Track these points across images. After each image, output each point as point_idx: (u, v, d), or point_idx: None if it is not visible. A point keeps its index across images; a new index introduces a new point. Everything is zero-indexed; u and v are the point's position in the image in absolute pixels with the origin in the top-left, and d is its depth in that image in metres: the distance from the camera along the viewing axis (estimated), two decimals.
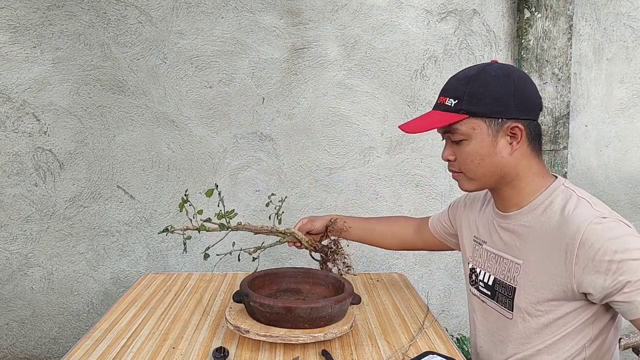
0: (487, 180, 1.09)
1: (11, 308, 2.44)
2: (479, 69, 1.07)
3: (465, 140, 1.07)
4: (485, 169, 1.07)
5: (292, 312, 1.16)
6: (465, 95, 1.04)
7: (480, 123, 1.05)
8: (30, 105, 2.32)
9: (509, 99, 1.03)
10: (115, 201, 2.41)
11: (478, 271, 1.22)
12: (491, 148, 1.05)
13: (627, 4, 2.51)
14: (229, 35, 2.36)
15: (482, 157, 1.06)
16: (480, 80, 1.05)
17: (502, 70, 1.05)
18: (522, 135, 1.04)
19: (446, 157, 1.13)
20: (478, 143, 1.06)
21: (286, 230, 1.59)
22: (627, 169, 2.59)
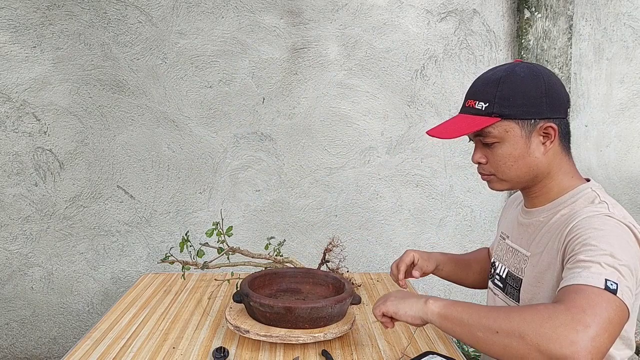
0: (519, 180, 1.09)
1: (11, 308, 2.44)
2: (507, 70, 1.06)
3: (497, 142, 1.06)
4: (518, 170, 1.07)
5: (292, 312, 1.15)
6: (496, 98, 1.04)
7: (513, 125, 1.04)
8: (31, 105, 2.32)
9: (541, 99, 1.03)
10: (115, 201, 2.41)
11: (497, 264, 1.23)
12: (525, 149, 1.05)
13: (627, 4, 2.51)
14: (229, 35, 2.36)
15: (515, 159, 1.06)
16: (510, 82, 1.04)
17: (530, 70, 1.05)
18: (555, 134, 1.04)
19: (477, 160, 1.11)
20: (511, 145, 1.05)
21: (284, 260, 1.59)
22: (628, 169, 2.58)
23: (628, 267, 0.89)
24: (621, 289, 0.86)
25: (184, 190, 2.44)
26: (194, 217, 2.45)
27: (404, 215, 2.53)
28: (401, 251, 2.53)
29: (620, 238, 0.93)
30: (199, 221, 2.45)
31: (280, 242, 1.66)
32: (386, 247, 2.54)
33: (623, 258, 0.89)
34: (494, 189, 1.13)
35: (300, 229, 2.49)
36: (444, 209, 2.55)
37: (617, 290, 0.85)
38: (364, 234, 2.52)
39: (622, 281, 0.87)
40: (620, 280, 0.87)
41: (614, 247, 0.90)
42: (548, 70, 1.07)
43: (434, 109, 2.48)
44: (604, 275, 0.86)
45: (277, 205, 2.47)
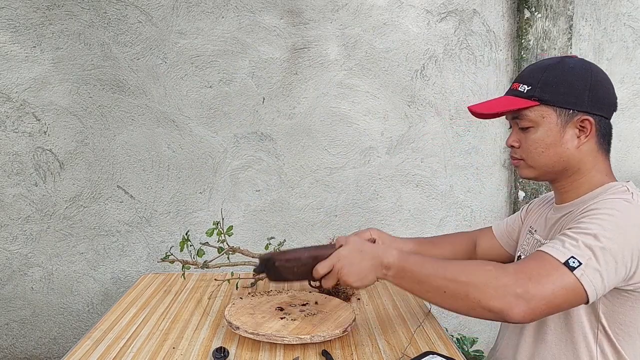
0: (547, 169, 1.08)
1: (11, 308, 2.44)
2: (559, 59, 1.07)
3: (532, 127, 1.06)
4: (547, 158, 1.06)
5: (320, 261, 1.09)
6: (540, 82, 1.04)
7: (551, 111, 1.04)
8: (30, 105, 2.32)
9: (584, 92, 1.02)
10: (115, 201, 2.41)
11: (522, 258, 1.21)
12: (557, 138, 1.04)
13: (627, 4, 2.51)
14: (229, 35, 2.36)
15: (546, 146, 1.05)
16: (558, 69, 1.04)
17: (581, 63, 1.05)
18: (591, 129, 1.03)
19: (511, 143, 1.12)
20: (545, 131, 1.05)
21: None
22: (628, 169, 2.58)
23: (612, 252, 0.89)
24: (583, 270, 0.87)
25: (184, 190, 2.44)
26: (194, 217, 2.45)
27: (404, 215, 2.53)
28: None
29: (627, 220, 0.92)
30: (199, 221, 2.45)
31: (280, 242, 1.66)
32: None
33: (610, 242, 0.89)
34: (521, 176, 1.13)
35: (300, 229, 2.49)
36: (444, 209, 2.55)
37: (577, 269, 0.87)
38: None
39: (591, 263, 0.88)
40: (590, 263, 0.88)
41: (606, 229, 0.90)
42: (601, 70, 1.07)
43: (434, 109, 2.48)
44: (572, 253, 0.89)
45: (277, 205, 2.47)
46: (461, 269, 0.94)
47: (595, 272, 0.88)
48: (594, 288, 0.88)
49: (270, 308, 1.34)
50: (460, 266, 0.95)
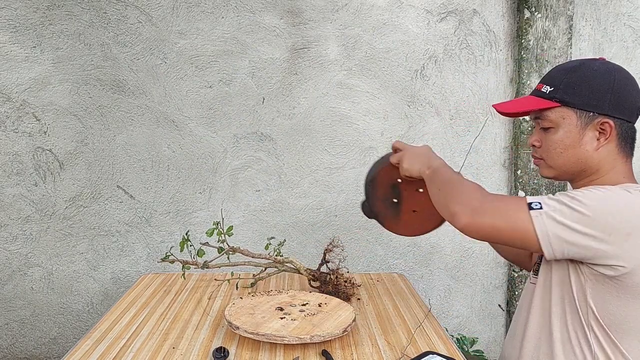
0: (565, 170, 1.10)
1: (11, 308, 2.44)
2: (583, 61, 1.08)
3: (552, 128, 1.08)
4: (566, 159, 1.08)
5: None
6: (562, 84, 1.06)
7: (571, 113, 1.06)
8: (30, 105, 2.32)
9: (605, 95, 1.03)
10: (115, 201, 2.41)
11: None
12: (576, 140, 1.06)
13: (627, 4, 2.51)
14: (229, 35, 2.36)
15: (565, 147, 1.07)
16: (581, 71, 1.06)
17: (605, 67, 1.06)
18: (611, 132, 1.04)
19: (532, 142, 1.15)
20: (565, 133, 1.07)
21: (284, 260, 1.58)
22: None
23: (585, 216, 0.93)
24: (540, 213, 0.95)
25: (184, 190, 2.44)
26: (194, 217, 2.45)
27: None
28: (401, 251, 2.54)
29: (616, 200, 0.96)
30: (199, 221, 2.45)
31: (280, 242, 1.66)
32: (386, 247, 2.54)
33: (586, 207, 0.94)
34: (541, 175, 1.16)
35: (300, 229, 2.49)
36: None
37: (534, 211, 0.95)
38: (364, 234, 2.52)
39: (552, 214, 0.95)
40: (550, 212, 0.95)
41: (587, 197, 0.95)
42: (627, 73, 1.08)
43: (434, 109, 2.48)
44: (541, 200, 0.97)
45: (277, 205, 2.47)
46: (461, 181, 1.09)
47: (552, 221, 0.94)
48: (546, 234, 0.94)
49: (270, 308, 1.34)
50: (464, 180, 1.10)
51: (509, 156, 2.54)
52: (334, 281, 1.50)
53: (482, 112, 2.49)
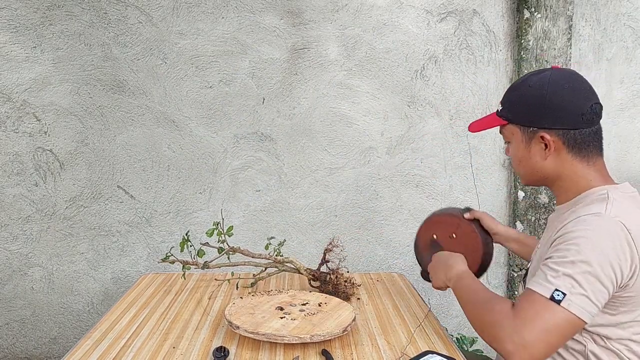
0: (530, 178, 1.17)
1: (11, 308, 2.44)
2: (525, 77, 1.13)
3: (509, 142, 1.17)
4: (524, 170, 1.16)
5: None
6: (507, 103, 1.15)
7: (516, 130, 1.13)
8: (31, 105, 2.33)
9: (539, 110, 1.08)
10: (115, 201, 2.41)
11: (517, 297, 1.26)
12: (526, 153, 1.13)
13: (627, 4, 2.52)
14: (229, 35, 2.36)
15: (519, 160, 1.15)
16: (519, 89, 1.13)
17: (540, 81, 1.09)
18: (551, 144, 1.08)
19: (505, 152, 1.24)
20: (515, 147, 1.15)
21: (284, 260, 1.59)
22: (627, 169, 2.59)
23: (593, 273, 0.94)
24: (569, 300, 0.93)
25: (184, 190, 2.44)
26: (194, 217, 2.45)
27: (404, 216, 2.53)
28: (401, 251, 2.55)
29: (600, 236, 0.96)
30: (199, 221, 2.45)
31: (280, 242, 1.66)
32: (386, 247, 2.54)
33: (588, 264, 0.94)
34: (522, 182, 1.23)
35: (300, 229, 2.50)
36: None
37: (563, 300, 0.94)
38: (364, 234, 2.52)
39: (575, 290, 0.94)
40: (573, 290, 0.94)
41: (582, 252, 0.95)
42: (566, 82, 1.08)
43: (434, 109, 2.48)
44: (555, 285, 0.95)
45: (277, 205, 2.47)
46: (482, 305, 1.07)
47: (581, 298, 0.94)
48: (585, 311, 0.94)
49: (270, 308, 1.34)
50: (483, 300, 1.08)
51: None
52: (334, 281, 1.50)
53: (482, 112, 2.49)
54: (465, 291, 1.16)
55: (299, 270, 1.57)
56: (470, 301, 1.12)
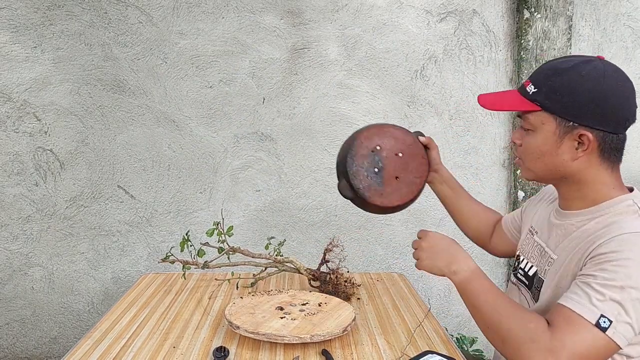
0: (543, 175, 1.05)
1: (12, 308, 2.45)
2: (574, 63, 0.99)
3: (532, 131, 1.02)
4: (542, 165, 1.03)
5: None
6: (545, 87, 0.99)
7: (551, 119, 0.99)
8: (31, 105, 2.33)
9: (588, 105, 0.96)
10: (115, 201, 2.42)
11: (521, 259, 1.19)
12: (554, 148, 1.00)
13: (627, 4, 2.52)
14: (229, 35, 2.36)
15: (542, 153, 1.02)
16: (567, 76, 0.98)
17: (595, 72, 0.97)
18: (589, 145, 0.97)
19: (514, 139, 1.09)
20: (542, 138, 1.01)
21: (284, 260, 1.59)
22: (627, 169, 2.59)
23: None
24: (614, 327, 0.86)
25: (185, 190, 2.44)
26: (195, 217, 2.45)
27: (404, 215, 2.53)
28: (401, 251, 2.55)
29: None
30: (199, 221, 2.45)
31: (280, 242, 1.66)
32: (386, 247, 2.55)
33: (638, 290, 0.86)
34: (522, 176, 1.10)
35: (300, 229, 2.50)
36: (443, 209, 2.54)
37: (609, 328, 0.86)
38: (364, 234, 2.52)
39: (621, 318, 0.86)
40: (619, 317, 0.86)
41: (632, 276, 0.87)
42: (619, 80, 0.99)
43: (434, 109, 2.48)
44: (601, 311, 0.87)
45: (277, 205, 2.48)
46: (507, 315, 0.95)
47: (626, 326, 0.87)
48: (625, 340, 0.88)
49: (271, 307, 1.34)
50: (509, 311, 0.96)
51: (508, 156, 2.54)
52: (334, 281, 1.50)
53: (482, 112, 2.49)
54: (484, 295, 1.01)
55: (299, 270, 1.57)
56: (492, 307, 0.98)
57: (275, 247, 1.62)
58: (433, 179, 1.36)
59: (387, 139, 1.30)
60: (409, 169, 1.28)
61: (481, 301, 1.00)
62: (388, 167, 1.28)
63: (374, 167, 1.28)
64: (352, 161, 1.27)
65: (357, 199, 1.30)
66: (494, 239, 1.41)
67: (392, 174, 1.29)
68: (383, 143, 1.29)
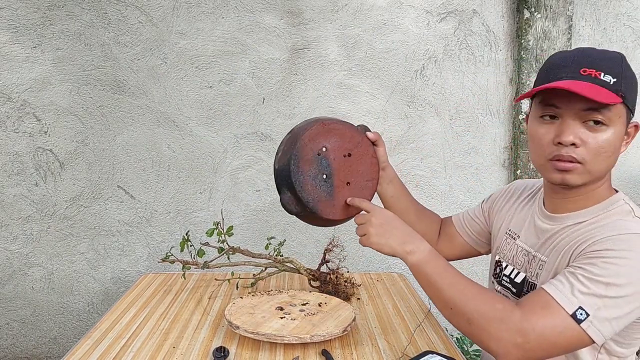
0: (598, 177, 0.95)
1: (12, 308, 2.45)
2: (615, 52, 0.94)
3: (605, 126, 0.90)
4: (608, 164, 0.93)
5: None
6: (622, 77, 0.90)
7: (624, 112, 0.91)
8: (31, 105, 2.33)
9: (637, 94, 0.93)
10: (115, 201, 2.42)
11: (504, 265, 1.15)
12: (620, 143, 0.93)
13: (627, 4, 2.52)
14: (229, 35, 2.36)
15: (613, 150, 0.92)
16: (626, 64, 0.92)
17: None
18: (634, 136, 0.94)
19: (574, 140, 0.91)
20: (615, 134, 0.91)
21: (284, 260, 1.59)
22: (627, 169, 2.59)
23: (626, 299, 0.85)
24: (590, 321, 0.84)
25: (184, 190, 2.44)
26: (194, 217, 2.45)
27: None
28: None
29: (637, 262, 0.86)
30: (199, 221, 2.45)
31: (280, 242, 1.66)
32: None
33: (624, 289, 0.85)
34: (570, 183, 0.95)
35: (300, 229, 2.50)
36: (443, 209, 2.56)
37: (584, 321, 0.84)
38: None
39: (600, 313, 0.85)
40: (598, 313, 0.84)
41: (620, 274, 0.85)
42: None
43: (434, 109, 2.48)
44: (580, 302, 0.85)
45: (277, 205, 2.47)
46: (473, 296, 0.92)
47: (603, 322, 0.85)
48: (601, 335, 0.86)
49: (270, 308, 1.34)
50: (474, 292, 0.93)
51: (508, 156, 2.54)
52: (334, 281, 1.50)
53: (482, 112, 2.49)
54: (446, 276, 0.95)
55: (299, 270, 1.57)
56: (455, 288, 0.93)
57: (275, 247, 1.62)
58: (379, 178, 1.23)
59: (333, 137, 1.11)
60: (360, 172, 1.12)
61: (443, 282, 0.95)
62: (338, 172, 1.11)
63: (322, 174, 1.10)
64: (296, 169, 1.08)
65: (304, 214, 1.14)
66: (442, 242, 1.34)
67: (342, 179, 1.12)
68: (329, 143, 1.10)
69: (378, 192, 1.26)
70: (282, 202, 1.12)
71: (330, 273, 1.52)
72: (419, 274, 0.99)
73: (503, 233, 1.18)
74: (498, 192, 1.29)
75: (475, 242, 1.30)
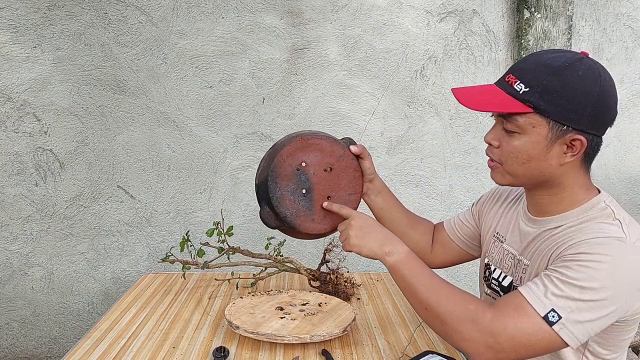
0: (523, 180, 0.99)
1: (11, 308, 2.45)
2: (568, 61, 0.91)
3: (518, 133, 0.94)
4: (527, 170, 0.96)
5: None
6: (540, 87, 0.90)
7: (543, 123, 0.92)
8: (31, 105, 2.33)
9: (585, 109, 0.90)
10: (115, 201, 2.42)
11: (492, 268, 1.15)
12: (542, 152, 0.93)
13: (627, 4, 2.52)
14: (229, 35, 2.36)
15: (528, 158, 0.95)
16: (564, 76, 0.90)
17: (591, 72, 0.91)
18: (580, 149, 0.93)
19: (489, 140, 1.00)
20: (531, 143, 0.93)
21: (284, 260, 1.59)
22: (627, 170, 2.59)
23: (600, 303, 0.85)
24: (562, 324, 0.85)
25: (184, 190, 2.44)
26: (194, 217, 2.45)
27: None
28: None
29: (620, 266, 0.86)
30: (199, 221, 2.45)
31: (280, 242, 1.66)
32: None
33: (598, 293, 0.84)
34: (494, 179, 1.03)
35: None
36: (443, 209, 2.56)
37: (556, 324, 0.85)
38: None
39: (572, 317, 0.85)
40: (570, 316, 0.85)
41: (595, 278, 0.85)
42: (610, 79, 0.94)
43: (434, 109, 2.48)
44: (553, 305, 0.85)
45: None
46: (446, 296, 0.94)
47: (577, 326, 0.85)
48: (575, 339, 0.86)
49: (270, 308, 1.34)
50: (447, 293, 0.95)
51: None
52: (334, 281, 1.50)
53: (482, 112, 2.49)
54: (421, 277, 0.97)
55: (299, 270, 1.57)
56: (430, 289, 0.95)
57: (275, 247, 1.62)
58: (367, 190, 1.24)
59: (313, 153, 1.13)
60: (341, 186, 1.14)
61: (419, 283, 0.97)
62: (317, 187, 1.12)
63: (301, 189, 1.12)
64: (274, 184, 1.11)
65: (284, 228, 1.17)
66: (436, 248, 1.33)
67: (322, 194, 1.13)
68: (309, 159, 1.12)
69: (368, 204, 1.28)
70: (262, 216, 1.15)
71: (330, 273, 1.52)
72: (396, 274, 1.02)
73: (491, 236, 1.19)
74: (487, 194, 1.29)
75: (468, 246, 1.30)
